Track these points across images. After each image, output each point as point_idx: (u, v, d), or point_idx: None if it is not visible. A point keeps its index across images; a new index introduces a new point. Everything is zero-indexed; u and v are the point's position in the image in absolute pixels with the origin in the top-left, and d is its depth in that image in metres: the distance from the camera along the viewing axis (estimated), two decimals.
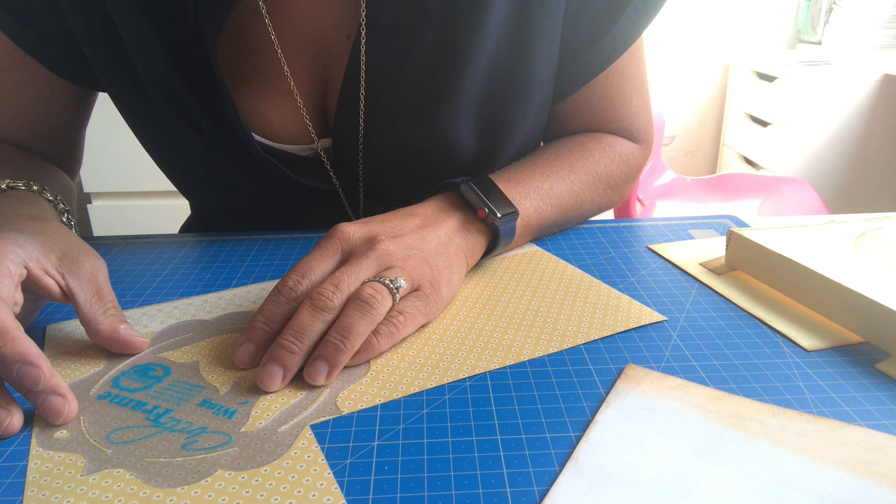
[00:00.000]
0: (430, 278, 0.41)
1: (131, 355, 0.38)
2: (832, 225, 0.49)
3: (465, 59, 0.50)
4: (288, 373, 0.35)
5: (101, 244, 0.55)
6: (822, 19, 2.26)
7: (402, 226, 0.43)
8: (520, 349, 0.38)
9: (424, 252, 0.42)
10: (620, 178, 0.59)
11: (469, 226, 0.47)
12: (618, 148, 0.59)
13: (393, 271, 0.39)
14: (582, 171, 0.55)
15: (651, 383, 0.34)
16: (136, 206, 1.85)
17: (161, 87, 0.49)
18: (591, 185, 0.56)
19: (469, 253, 0.46)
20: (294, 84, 0.52)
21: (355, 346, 0.36)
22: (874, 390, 0.34)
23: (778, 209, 1.55)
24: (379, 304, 0.37)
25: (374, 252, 0.40)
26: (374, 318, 0.36)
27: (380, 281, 0.38)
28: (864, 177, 2.01)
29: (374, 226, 0.42)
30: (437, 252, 0.43)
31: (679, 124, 2.47)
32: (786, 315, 0.42)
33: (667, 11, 2.32)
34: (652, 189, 1.70)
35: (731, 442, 0.30)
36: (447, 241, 0.44)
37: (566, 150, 0.56)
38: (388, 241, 0.41)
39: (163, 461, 0.29)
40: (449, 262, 0.43)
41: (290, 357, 0.35)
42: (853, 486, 0.27)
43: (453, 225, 0.46)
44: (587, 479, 0.28)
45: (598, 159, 0.57)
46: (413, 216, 0.45)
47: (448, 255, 0.43)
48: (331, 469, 0.29)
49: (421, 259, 0.41)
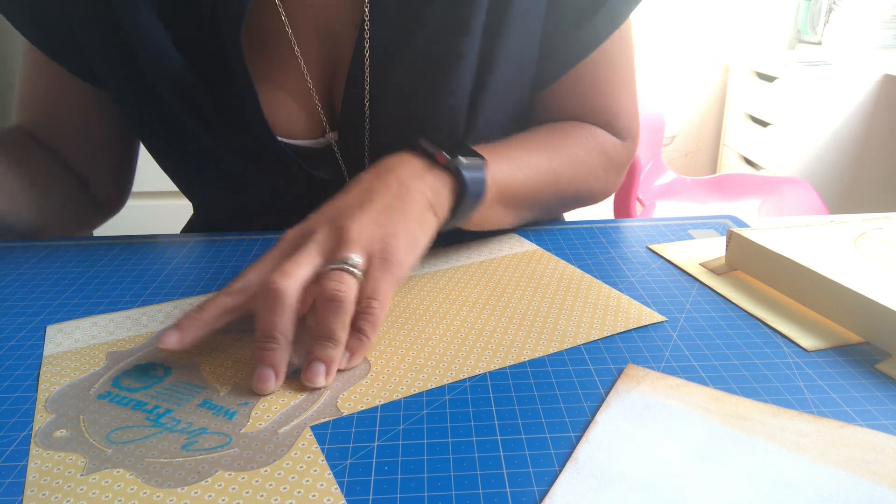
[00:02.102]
0: (382, 238, 0.38)
1: (132, 355, 0.38)
2: (832, 225, 0.49)
3: (462, 41, 0.51)
4: (278, 370, 0.34)
5: (101, 244, 0.55)
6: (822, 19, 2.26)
7: (344, 199, 0.41)
8: (520, 349, 0.38)
9: (371, 212, 0.39)
10: (601, 167, 0.57)
11: (426, 172, 0.43)
12: (599, 138, 0.58)
13: (341, 250, 0.37)
14: (560, 150, 0.54)
15: (651, 383, 0.34)
16: (136, 206, 1.85)
17: (170, 81, 0.49)
18: (569, 166, 0.54)
19: (432, 198, 0.42)
20: (309, 77, 0.53)
21: (342, 339, 0.35)
22: (874, 390, 0.34)
23: (778, 209, 1.55)
24: (345, 294, 0.35)
25: (313, 241, 0.38)
26: (346, 310, 0.35)
27: (335, 267, 0.36)
28: (864, 177, 2.01)
29: (315, 214, 0.41)
30: (388, 206, 0.40)
31: (679, 124, 2.47)
32: (786, 315, 0.42)
33: (667, 11, 2.32)
34: (652, 189, 1.70)
35: (731, 442, 0.30)
36: (400, 191, 0.41)
37: (545, 131, 0.56)
38: (325, 223, 0.39)
39: (163, 461, 0.29)
40: (405, 212, 0.40)
41: (272, 354, 0.34)
42: (853, 486, 0.27)
43: (407, 173, 0.42)
44: (587, 479, 0.28)
45: (578, 143, 0.56)
46: (357, 185, 0.42)
47: (403, 205, 0.40)
48: (331, 470, 0.29)
49: (367, 221, 0.39)
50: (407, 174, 0.42)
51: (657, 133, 1.74)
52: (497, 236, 0.55)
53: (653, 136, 1.69)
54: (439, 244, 0.53)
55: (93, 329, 0.41)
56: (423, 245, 0.41)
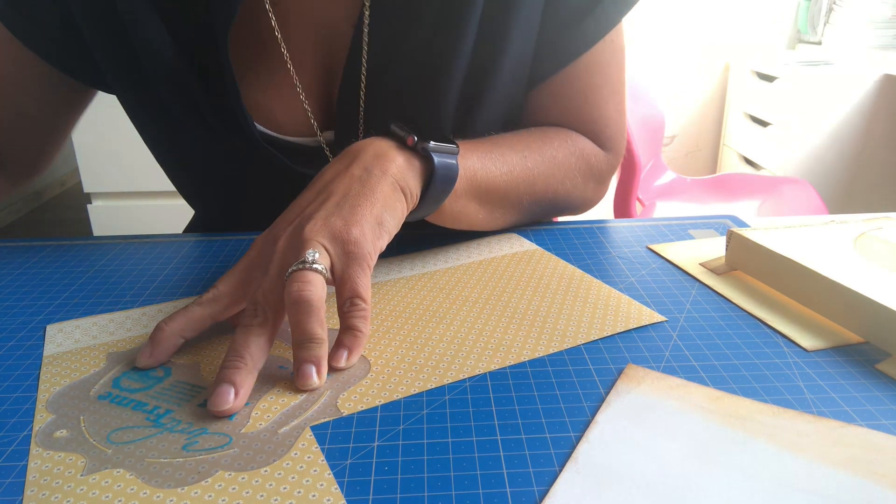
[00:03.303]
0: (341, 230, 0.38)
1: (132, 355, 0.38)
2: (832, 225, 0.49)
3: (460, 38, 0.51)
4: (239, 390, 0.33)
5: (102, 244, 0.55)
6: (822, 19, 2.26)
7: (306, 196, 0.41)
8: (520, 349, 0.38)
9: (328, 206, 0.39)
10: (579, 173, 0.56)
11: (393, 153, 0.42)
12: (580, 144, 0.57)
13: (302, 249, 0.37)
14: (537, 152, 0.53)
15: (651, 383, 0.34)
16: (137, 206, 1.85)
17: (165, 75, 0.50)
18: (545, 168, 0.53)
19: (399, 178, 0.41)
20: (297, 77, 0.53)
21: (321, 336, 0.35)
22: (874, 390, 0.34)
23: (778, 209, 1.55)
24: (310, 292, 0.35)
25: (276, 252, 0.38)
26: (316, 306, 0.35)
27: (294, 269, 0.36)
28: (864, 177, 2.01)
29: (281, 217, 0.40)
30: (348, 195, 0.39)
31: (679, 124, 2.48)
32: (786, 315, 0.42)
33: (667, 11, 2.32)
34: (652, 189, 1.70)
35: (731, 442, 0.30)
36: (363, 175, 0.40)
37: (525, 133, 0.55)
38: (287, 226, 0.39)
39: (163, 461, 0.29)
40: (368, 196, 0.39)
41: (236, 372, 0.33)
42: (853, 486, 0.27)
43: (371, 156, 0.42)
44: (587, 479, 0.28)
45: (556, 146, 0.55)
46: (320, 178, 0.42)
47: (366, 189, 0.40)
48: (331, 470, 0.29)
49: (323, 217, 0.38)
50: (371, 156, 0.42)
51: (657, 133, 1.74)
52: (497, 235, 0.55)
53: (653, 136, 1.69)
54: (439, 244, 0.53)
55: (93, 329, 0.41)
56: (393, 226, 0.40)
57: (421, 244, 0.53)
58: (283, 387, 0.35)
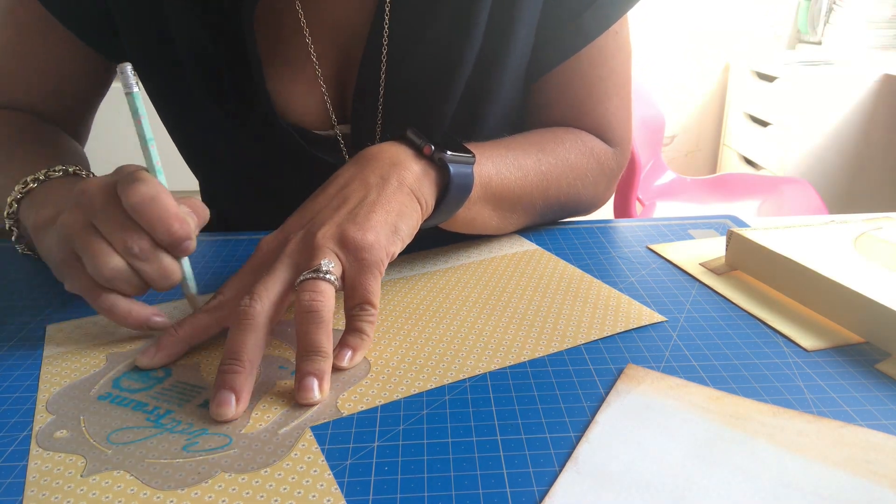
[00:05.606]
0: (355, 238, 0.37)
1: (132, 356, 0.38)
2: (832, 225, 0.49)
3: (472, 30, 0.52)
4: (240, 395, 0.33)
5: None
6: (822, 19, 2.26)
7: (320, 199, 0.41)
8: (520, 349, 0.38)
9: (343, 212, 0.39)
10: (591, 174, 0.57)
11: (409, 161, 0.42)
12: (590, 144, 0.57)
13: (312, 259, 0.37)
14: (551, 154, 0.53)
15: (651, 383, 0.34)
16: None
17: (195, 56, 0.52)
18: (559, 171, 0.53)
19: (415, 186, 0.41)
20: (319, 69, 0.54)
21: (328, 349, 0.34)
22: (874, 390, 0.34)
23: (778, 209, 1.55)
24: (321, 304, 0.35)
25: (285, 254, 0.38)
26: (325, 318, 0.35)
27: (307, 277, 0.36)
28: (864, 177, 2.01)
29: (291, 218, 0.40)
30: (363, 202, 0.40)
31: (679, 124, 2.48)
32: (786, 315, 0.42)
33: (667, 11, 2.32)
34: (652, 189, 1.70)
35: (731, 442, 0.30)
36: (379, 182, 0.41)
37: (537, 135, 0.55)
38: (298, 229, 0.39)
39: (163, 462, 0.29)
40: (383, 204, 0.40)
41: (235, 377, 0.33)
42: (853, 486, 0.27)
43: (388, 163, 0.42)
44: (587, 479, 0.28)
45: (569, 148, 0.55)
46: (335, 181, 0.42)
47: (381, 196, 0.40)
48: (331, 470, 0.29)
49: (337, 224, 0.38)
50: (388, 164, 0.42)
51: (657, 133, 1.73)
52: (497, 235, 0.55)
53: (653, 136, 1.69)
54: (439, 244, 0.53)
55: (93, 329, 0.41)
56: (407, 234, 0.40)
57: (421, 244, 0.53)
58: (284, 387, 0.35)
